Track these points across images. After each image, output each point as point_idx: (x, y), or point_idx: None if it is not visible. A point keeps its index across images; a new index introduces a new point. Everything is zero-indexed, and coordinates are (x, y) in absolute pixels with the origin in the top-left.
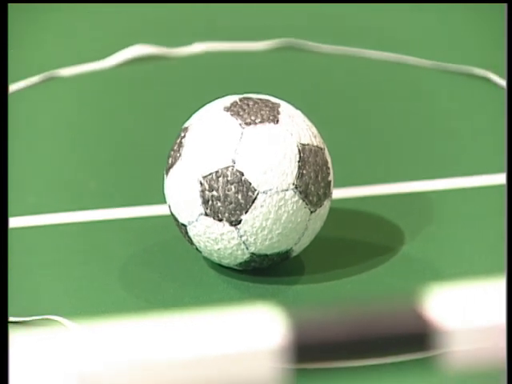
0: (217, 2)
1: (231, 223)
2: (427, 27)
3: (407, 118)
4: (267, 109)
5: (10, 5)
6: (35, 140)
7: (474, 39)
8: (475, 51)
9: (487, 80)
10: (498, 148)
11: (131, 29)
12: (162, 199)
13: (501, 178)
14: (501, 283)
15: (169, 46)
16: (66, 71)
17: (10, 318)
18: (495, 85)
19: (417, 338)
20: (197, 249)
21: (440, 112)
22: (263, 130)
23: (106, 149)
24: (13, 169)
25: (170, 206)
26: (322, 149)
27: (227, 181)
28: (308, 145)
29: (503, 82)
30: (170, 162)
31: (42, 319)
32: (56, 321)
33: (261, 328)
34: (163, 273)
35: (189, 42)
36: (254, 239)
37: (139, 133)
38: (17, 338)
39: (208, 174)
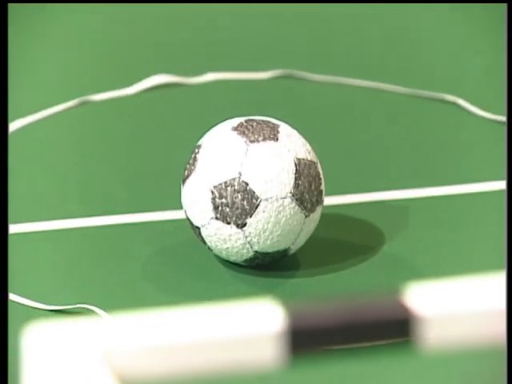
0: (226, 36)
1: (238, 226)
2: (403, 59)
3: (388, 136)
4: (268, 129)
5: (44, 33)
6: (72, 155)
7: (446, 67)
8: (446, 79)
9: (456, 105)
10: (467, 161)
11: (154, 60)
12: (178, 205)
13: (473, 188)
14: (475, 278)
15: (185, 76)
16: (98, 96)
17: (50, 307)
18: (463, 109)
19: (397, 324)
20: (208, 248)
21: (415, 131)
22: (265, 147)
23: (130, 162)
24: (55, 180)
25: (185, 212)
26: (314, 163)
27: (234, 190)
28: (303, 159)
29: (470, 107)
30: (185, 174)
31: (78, 308)
32: (89, 309)
33: (262, 315)
34: (179, 268)
35: (202, 72)
36: (258, 239)
37: (159, 149)
38: (55, 325)
39: (218, 184)
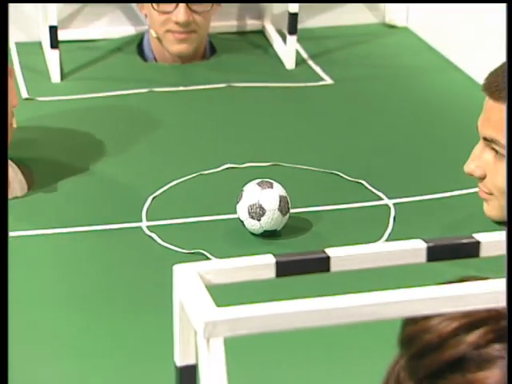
0: (249, 145)
1: (257, 220)
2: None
3: (311, 190)
4: (269, 183)
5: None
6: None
7: (330, 151)
8: (331, 159)
9: (339, 176)
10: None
11: (225, 152)
12: (234, 212)
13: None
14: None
15: (237, 164)
16: (206, 171)
17: (179, 249)
18: (344, 179)
19: (322, 259)
20: (246, 229)
21: (317, 195)
22: (268, 191)
23: (220, 206)
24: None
25: (238, 215)
26: (286, 196)
27: (256, 207)
28: (283, 195)
29: (352, 179)
30: (237, 201)
31: (196, 252)
32: (203, 254)
33: (267, 256)
34: (236, 238)
35: (244, 162)
36: (265, 225)
37: (227, 196)
38: (181, 265)
39: (250, 204)
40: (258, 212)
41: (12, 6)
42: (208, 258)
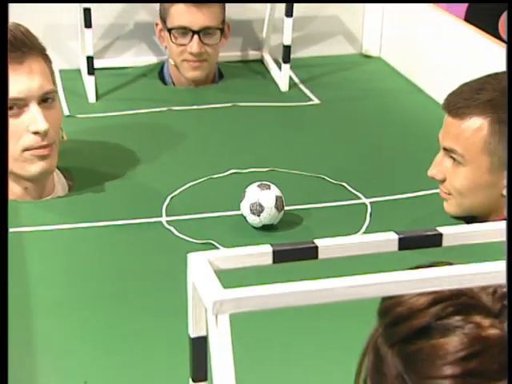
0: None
1: (257, 216)
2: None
3: (298, 192)
4: (267, 185)
5: None
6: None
7: (325, 158)
8: (318, 165)
9: (324, 179)
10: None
11: (229, 160)
12: (238, 209)
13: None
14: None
15: (237, 169)
16: (215, 176)
17: (192, 240)
18: (329, 181)
19: (310, 247)
20: (248, 222)
21: (305, 191)
22: (266, 191)
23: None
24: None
25: (242, 212)
26: (281, 196)
27: (256, 205)
28: (279, 195)
29: (335, 181)
30: (240, 199)
31: (206, 243)
32: (212, 244)
33: (266, 247)
34: (239, 230)
35: (246, 168)
36: (264, 220)
37: (233, 195)
38: (194, 253)
39: (251, 203)
40: (257, 209)
41: (57, 41)
42: (216, 248)
